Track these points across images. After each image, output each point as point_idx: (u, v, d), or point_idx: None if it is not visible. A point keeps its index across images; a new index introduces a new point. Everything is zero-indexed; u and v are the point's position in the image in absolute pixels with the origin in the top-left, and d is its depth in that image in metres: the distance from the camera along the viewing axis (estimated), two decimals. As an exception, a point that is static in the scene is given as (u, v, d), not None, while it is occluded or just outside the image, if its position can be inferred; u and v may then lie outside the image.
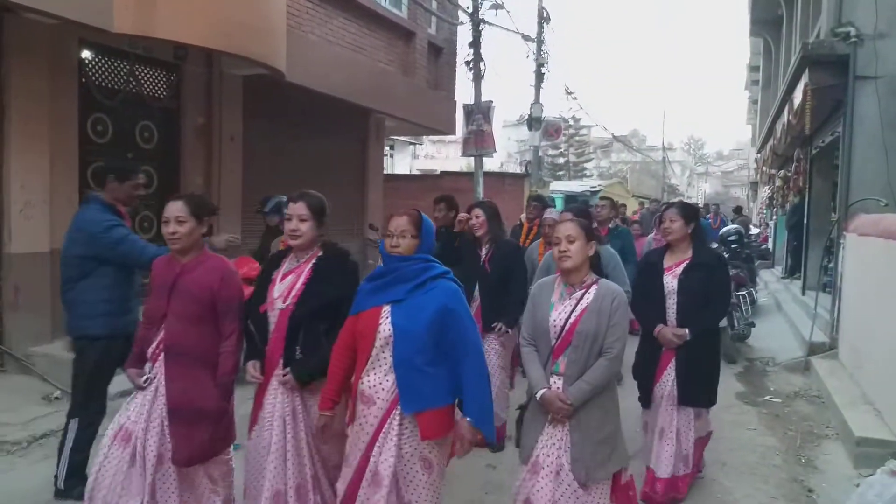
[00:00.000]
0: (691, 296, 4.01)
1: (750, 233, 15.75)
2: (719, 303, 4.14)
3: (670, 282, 4.09)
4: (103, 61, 7.27)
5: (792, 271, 12.64)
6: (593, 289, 3.03)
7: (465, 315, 2.80)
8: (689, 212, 4.21)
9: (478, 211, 5.07)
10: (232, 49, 6.90)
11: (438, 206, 5.93)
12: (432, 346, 2.72)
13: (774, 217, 18.84)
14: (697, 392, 4.10)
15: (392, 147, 25.72)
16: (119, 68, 7.44)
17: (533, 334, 3.10)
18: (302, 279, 3.11)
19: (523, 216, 7.50)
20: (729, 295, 4.24)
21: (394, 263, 2.81)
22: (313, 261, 3.17)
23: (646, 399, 4.18)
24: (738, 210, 20.32)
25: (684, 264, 4.09)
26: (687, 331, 4.00)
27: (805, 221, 11.21)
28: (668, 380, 4.08)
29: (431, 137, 32.26)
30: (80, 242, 3.93)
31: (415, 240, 2.80)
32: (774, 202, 17.37)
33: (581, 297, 3.00)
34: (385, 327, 2.76)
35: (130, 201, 4.19)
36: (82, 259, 3.92)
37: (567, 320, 2.97)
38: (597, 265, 3.12)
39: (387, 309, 2.79)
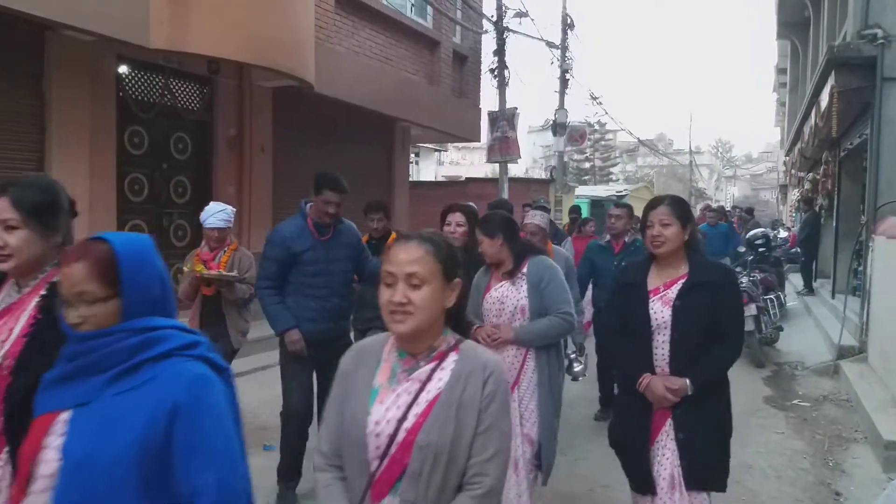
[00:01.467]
0: (692, 329, 2.75)
1: (779, 236, 15.57)
2: (732, 338, 2.80)
3: (660, 310, 2.79)
4: (140, 75, 7.53)
5: (808, 287, 12.53)
6: (450, 360, 1.70)
7: (213, 414, 1.51)
8: (684, 210, 2.91)
9: (457, 216, 4.22)
10: (263, 62, 7.10)
11: (372, 217, 5.10)
12: (138, 488, 1.44)
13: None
14: (711, 468, 2.77)
15: (417, 154, 25.90)
16: (155, 82, 7.69)
17: (334, 449, 1.73)
18: (20, 326, 1.85)
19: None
20: (742, 325, 2.97)
21: (81, 344, 1.51)
22: (40, 294, 1.89)
23: (639, 483, 2.83)
24: (749, 211, 17.82)
25: (679, 284, 2.81)
26: (687, 381, 2.70)
27: (835, 224, 11.11)
28: (665, 454, 2.77)
29: (456, 144, 32.42)
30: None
31: (109, 301, 1.51)
32: (802, 206, 17.16)
33: (427, 381, 1.67)
34: (49, 456, 1.47)
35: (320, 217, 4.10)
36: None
37: (400, 424, 1.63)
38: (459, 314, 1.79)
39: (63, 419, 1.50)
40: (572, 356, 4.38)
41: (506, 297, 3.45)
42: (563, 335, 3.65)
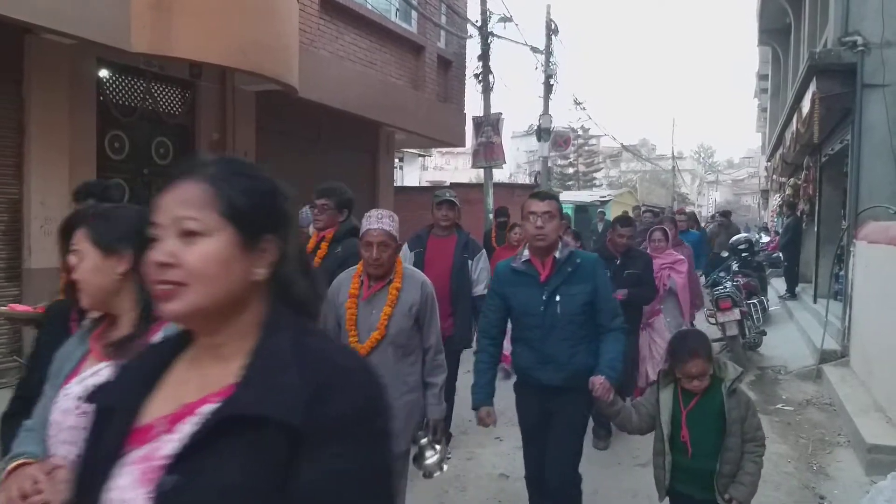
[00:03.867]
0: None
1: (761, 240, 15.67)
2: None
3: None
4: (120, 79, 7.43)
5: (790, 291, 12.63)
6: None
7: None
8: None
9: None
10: (246, 66, 7.04)
11: (323, 203, 4.22)
12: None
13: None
14: None
15: (401, 159, 25.87)
16: (135, 86, 7.60)
17: None
18: None
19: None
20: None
21: None
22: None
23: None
24: (725, 214, 15.98)
25: None
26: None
27: (816, 229, 11.22)
28: None
29: (440, 149, 32.44)
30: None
31: None
32: (784, 211, 17.32)
33: None
34: None
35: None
36: None
37: None
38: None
39: None
40: (423, 441, 3.12)
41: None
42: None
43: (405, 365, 3.12)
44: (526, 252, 3.39)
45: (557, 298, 3.28)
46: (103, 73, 7.19)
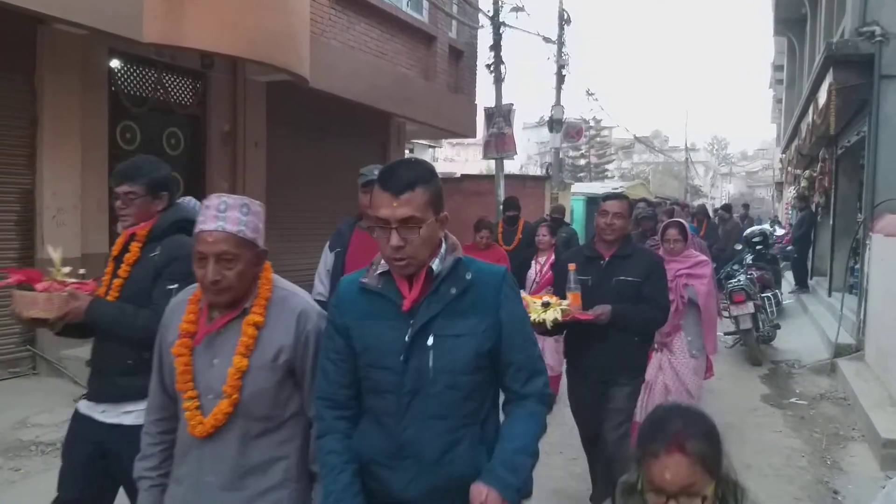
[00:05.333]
0: None
1: (775, 233, 15.54)
2: None
3: None
4: (132, 70, 7.44)
5: (801, 284, 12.52)
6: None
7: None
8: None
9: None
10: (257, 57, 7.02)
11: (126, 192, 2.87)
12: None
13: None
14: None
15: (412, 150, 25.81)
16: (147, 77, 7.61)
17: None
18: None
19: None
20: None
21: None
22: None
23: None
24: (726, 208, 15.83)
25: None
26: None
27: (832, 222, 11.11)
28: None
29: (451, 140, 32.36)
30: None
31: None
32: (797, 203, 17.15)
33: None
34: None
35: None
36: None
37: None
38: None
39: None
40: None
41: None
42: None
43: (266, 447, 1.96)
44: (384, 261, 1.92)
45: (430, 342, 1.87)
46: (115, 63, 7.20)
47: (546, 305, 3.48)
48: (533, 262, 6.29)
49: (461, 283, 1.90)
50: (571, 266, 3.58)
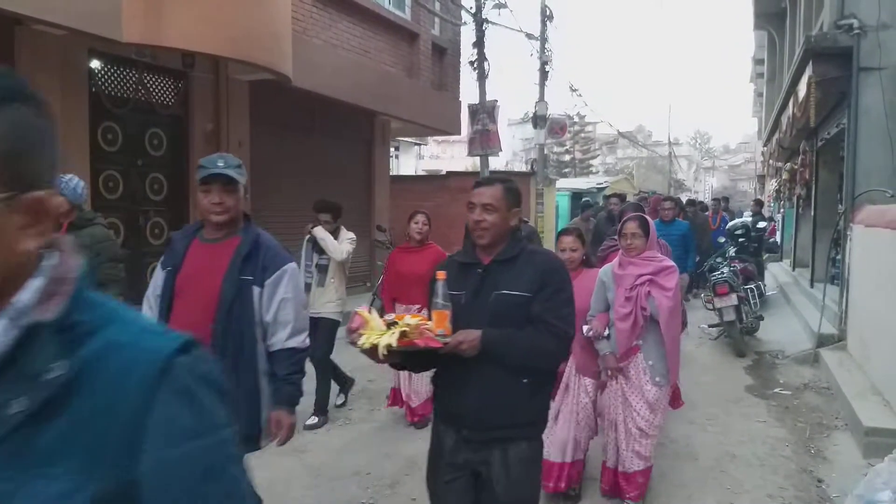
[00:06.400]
0: None
1: (758, 226, 15.72)
2: None
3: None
4: (112, 70, 7.38)
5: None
6: None
7: None
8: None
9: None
10: (239, 55, 6.99)
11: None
12: None
13: (781, 210, 18.78)
14: None
15: (397, 148, 25.78)
16: (128, 77, 7.54)
17: None
18: None
19: None
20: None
21: None
22: None
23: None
24: (692, 203, 14.43)
25: None
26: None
27: (813, 214, 11.22)
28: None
29: (436, 137, 32.34)
30: None
31: None
32: (781, 195, 17.32)
33: None
34: None
35: None
36: None
37: None
38: None
39: None
40: None
41: None
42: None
43: None
44: None
45: None
46: (95, 63, 7.13)
47: (392, 325, 2.28)
48: None
49: (39, 388, 0.76)
50: (441, 275, 2.38)
